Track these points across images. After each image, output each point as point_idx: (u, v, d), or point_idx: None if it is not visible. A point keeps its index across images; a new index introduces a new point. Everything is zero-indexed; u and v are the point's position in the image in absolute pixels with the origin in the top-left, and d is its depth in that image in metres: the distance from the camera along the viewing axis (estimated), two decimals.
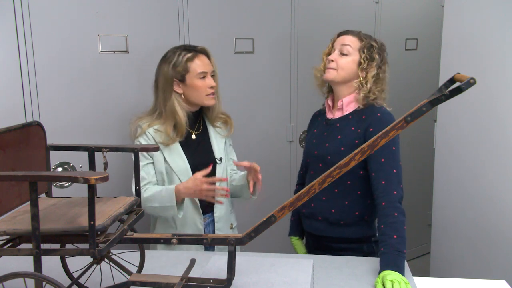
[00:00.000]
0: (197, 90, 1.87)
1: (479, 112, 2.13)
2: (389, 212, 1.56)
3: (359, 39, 1.76)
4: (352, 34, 1.78)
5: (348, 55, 1.75)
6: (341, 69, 1.75)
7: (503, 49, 1.99)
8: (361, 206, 1.76)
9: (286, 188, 2.92)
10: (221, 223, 1.95)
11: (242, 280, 1.28)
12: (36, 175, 1.02)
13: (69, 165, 2.17)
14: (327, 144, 1.79)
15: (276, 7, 2.72)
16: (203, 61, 1.88)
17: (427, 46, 3.40)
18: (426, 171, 2.80)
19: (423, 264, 3.19)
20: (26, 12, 1.98)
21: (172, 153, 1.88)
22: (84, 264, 1.37)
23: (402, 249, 1.49)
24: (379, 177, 1.64)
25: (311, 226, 1.86)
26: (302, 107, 2.88)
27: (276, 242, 2.80)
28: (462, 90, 1.05)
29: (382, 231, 1.55)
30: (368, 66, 1.74)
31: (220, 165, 1.94)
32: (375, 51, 1.75)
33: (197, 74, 1.86)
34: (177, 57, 1.86)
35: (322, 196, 1.78)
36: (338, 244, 1.80)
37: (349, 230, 1.77)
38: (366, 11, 3.07)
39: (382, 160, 1.64)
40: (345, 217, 1.76)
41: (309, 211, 1.84)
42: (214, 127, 1.99)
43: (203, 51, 1.91)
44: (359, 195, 1.75)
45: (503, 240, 2.01)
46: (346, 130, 1.75)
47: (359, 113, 1.76)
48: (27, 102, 2.04)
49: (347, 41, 1.76)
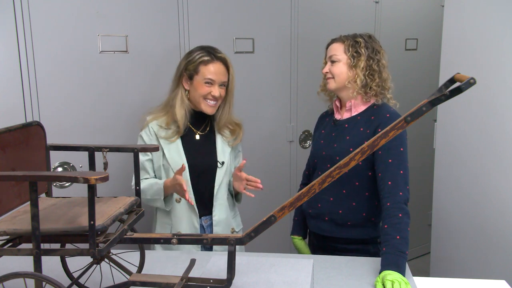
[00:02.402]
0: (199, 94, 1.87)
1: (479, 112, 2.13)
2: (393, 213, 1.56)
3: (342, 42, 1.79)
4: (335, 41, 1.82)
5: (338, 61, 1.78)
6: (336, 76, 1.78)
7: (503, 49, 1.98)
8: (368, 207, 1.75)
9: (286, 188, 2.92)
10: (220, 227, 1.93)
11: (242, 280, 1.28)
12: (36, 175, 1.02)
13: (69, 165, 2.17)
14: (335, 145, 1.78)
15: (276, 7, 2.72)
16: (216, 69, 1.87)
17: (427, 46, 3.40)
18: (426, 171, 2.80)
19: (423, 264, 3.19)
20: (26, 12, 1.98)
21: (172, 150, 1.89)
22: (84, 264, 1.37)
23: (404, 250, 1.49)
24: (385, 177, 1.63)
25: (317, 227, 1.85)
26: (302, 107, 2.88)
27: (276, 242, 2.80)
28: (462, 90, 1.05)
29: (385, 231, 1.55)
30: (357, 62, 1.75)
31: (221, 169, 1.93)
32: (361, 46, 1.76)
33: (204, 79, 1.86)
34: (194, 55, 1.89)
35: (329, 196, 1.78)
36: (344, 245, 1.79)
37: (356, 231, 1.77)
38: (366, 11, 3.07)
39: (390, 161, 1.64)
40: (352, 218, 1.76)
41: (316, 211, 1.83)
42: (221, 134, 1.98)
43: (222, 59, 1.90)
44: (367, 196, 1.75)
45: (503, 240, 2.01)
46: (354, 130, 1.75)
47: (368, 114, 1.77)
48: (27, 102, 2.04)
49: (332, 51, 1.80)
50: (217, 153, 1.94)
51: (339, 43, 1.80)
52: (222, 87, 1.90)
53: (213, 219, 1.93)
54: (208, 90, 1.87)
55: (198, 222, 1.91)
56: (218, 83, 1.88)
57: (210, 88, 1.87)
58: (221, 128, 1.97)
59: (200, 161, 1.92)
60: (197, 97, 1.89)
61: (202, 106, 1.89)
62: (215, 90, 1.87)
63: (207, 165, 1.92)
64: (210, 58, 1.87)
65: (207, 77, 1.86)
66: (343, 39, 1.80)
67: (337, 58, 1.78)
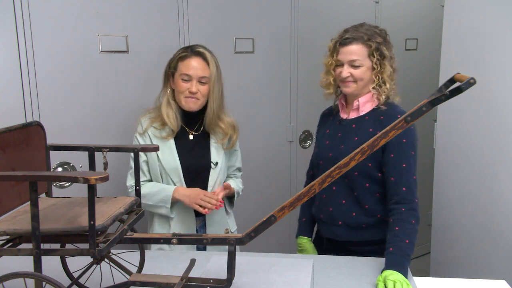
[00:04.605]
0: (178, 91, 1.86)
1: (479, 112, 2.13)
2: (407, 218, 1.58)
3: (364, 44, 1.67)
4: (355, 43, 1.67)
5: (361, 66, 1.68)
6: (359, 80, 1.69)
7: (503, 49, 1.98)
8: (381, 208, 1.71)
9: (286, 188, 2.92)
10: (213, 228, 1.92)
11: (242, 280, 1.28)
12: (36, 175, 1.02)
13: (69, 165, 2.17)
14: (342, 146, 1.72)
15: (276, 7, 2.72)
16: (193, 64, 1.83)
17: (427, 46, 3.40)
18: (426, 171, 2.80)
19: (423, 264, 3.19)
20: (26, 12, 1.98)
21: (164, 150, 1.88)
22: (84, 264, 1.37)
23: (410, 253, 1.51)
24: (400, 182, 1.62)
25: (331, 232, 1.79)
26: (302, 107, 2.88)
27: (276, 242, 2.80)
28: (462, 90, 1.05)
29: (395, 232, 1.56)
30: (383, 66, 1.68)
31: (214, 169, 1.92)
32: (383, 47, 1.68)
33: (180, 75, 1.84)
34: (175, 53, 1.89)
35: (341, 199, 1.74)
36: (360, 248, 1.75)
37: (371, 233, 1.73)
38: (366, 11, 3.07)
39: (404, 166, 1.63)
40: (366, 221, 1.72)
41: (328, 216, 1.78)
42: (213, 135, 1.94)
43: (200, 53, 1.85)
44: (378, 197, 1.71)
45: (503, 240, 2.01)
46: (363, 131, 1.69)
47: (377, 114, 1.72)
48: (27, 102, 2.04)
49: (353, 54, 1.67)
50: (210, 154, 1.93)
51: (361, 45, 1.67)
52: (202, 83, 1.85)
53: (207, 219, 1.92)
54: (185, 87, 1.83)
55: (194, 223, 1.91)
56: (195, 79, 1.83)
57: (187, 84, 1.83)
58: (211, 128, 1.92)
59: (193, 161, 1.90)
60: (178, 96, 1.87)
61: (183, 103, 1.86)
62: (193, 86, 1.82)
63: (200, 165, 1.91)
64: (187, 54, 1.85)
65: (183, 72, 1.83)
66: (365, 40, 1.66)
67: (360, 63, 1.67)
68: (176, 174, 1.87)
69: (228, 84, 2.01)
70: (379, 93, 1.71)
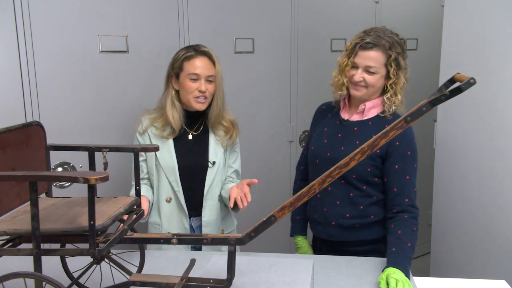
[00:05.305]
0: (186, 91, 1.85)
1: (479, 112, 2.13)
2: (409, 225, 1.62)
3: (383, 53, 1.65)
4: (375, 49, 1.65)
5: (376, 73, 1.66)
6: (371, 86, 1.68)
7: (503, 49, 1.98)
8: (376, 210, 1.72)
9: (286, 188, 2.92)
10: (209, 228, 1.91)
11: (242, 280, 1.28)
12: (36, 175, 1.02)
13: (69, 165, 2.17)
14: (342, 147, 1.72)
15: (276, 7, 2.72)
16: (201, 63, 1.84)
17: (427, 46, 3.40)
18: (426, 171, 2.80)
19: (423, 264, 3.19)
20: (26, 12, 1.98)
21: (163, 150, 1.87)
22: (84, 264, 1.37)
23: (411, 256, 1.55)
24: (402, 194, 1.66)
25: (325, 232, 1.80)
26: (302, 107, 2.88)
27: (276, 242, 2.80)
28: (462, 90, 1.05)
29: (398, 235, 1.59)
30: (397, 78, 1.68)
31: (211, 168, 1.90)
32: (400, 58, 1.67)
33: (188, 75, 1.83)
34: (179, 53, 1.88)
35: (335, 200, 1.74)
36: (355, 248, 1.76)
37: (365, 232, 1.74)
38: (366, 11, 3.07)
39: (407, 178, 1.66)
40: (360, 222, 1.73)
41: (322, 216, 1.78)
42: (214, 133, 1.94)
43: (206, 53, 1.86)
44: (373, 200, 1.72)
45: (503, 240, 2.01)
46: (365, 136, 1.65)
47: (381, 122, 1.71)
48: (27, 102, 2.04)
49: (371, 61, 1.65)
50: (208, 153, 1.92)
51: (381, 53, 1.65)
52: (210, 82, 1.85)
53: (203, 220, 1.91)
54: (194, 86, 1.83)
55: (188, 223, 1.90)
56: (203, 78, 1.83)
57: (196, 84, 1.83)
58: (214, 126, 1.93)
59: (190, 161, 1.90)
60: (186, 96, 1.86)
61: (193, 103, 1.85)
62: (202, 85, 1.83)
63: (197, 165, 1.90)
64: (193, 53, 1.85)
65: (191, 72, 1.82)
66: (386, 48, 1.64)
67: (376, 70, 1.66)
68: (172, 173, 1.87)
69: (228, 84, 2.01)
70: (390, 104, 1.70)
